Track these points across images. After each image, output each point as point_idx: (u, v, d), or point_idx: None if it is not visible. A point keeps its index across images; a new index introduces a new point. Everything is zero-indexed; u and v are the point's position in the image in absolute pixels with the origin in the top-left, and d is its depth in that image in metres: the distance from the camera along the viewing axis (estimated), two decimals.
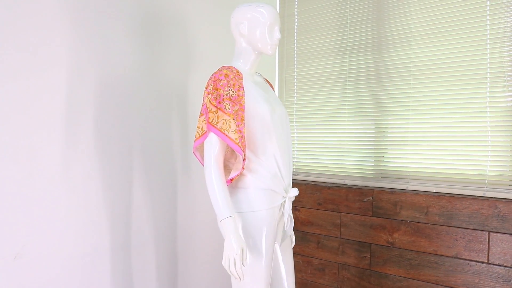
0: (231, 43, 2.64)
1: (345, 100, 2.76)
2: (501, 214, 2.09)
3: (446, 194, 2.29)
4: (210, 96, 1.54)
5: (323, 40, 2.88)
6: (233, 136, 1.50)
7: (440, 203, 2.28)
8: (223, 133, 1.50)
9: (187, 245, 2.39)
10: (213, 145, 1.53)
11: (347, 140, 2.75)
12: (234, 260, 1.44)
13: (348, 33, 2.75)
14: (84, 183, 1.89)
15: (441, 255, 2.27)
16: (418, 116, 2.44)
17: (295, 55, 3.03)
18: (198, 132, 1.60)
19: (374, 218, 2.52)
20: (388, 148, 2.56)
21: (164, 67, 2.25)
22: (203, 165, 1.58)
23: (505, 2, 2.16)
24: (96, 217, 1.93)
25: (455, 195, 2.26)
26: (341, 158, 2.78)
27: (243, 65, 1.70)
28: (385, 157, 2.57)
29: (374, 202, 2.52)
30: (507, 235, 2.07)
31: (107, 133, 1.97)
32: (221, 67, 1.61)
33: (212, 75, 1.58)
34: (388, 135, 2.56)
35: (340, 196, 2.68)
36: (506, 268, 2.07)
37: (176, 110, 2.32)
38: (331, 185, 2.76)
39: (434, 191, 2.37)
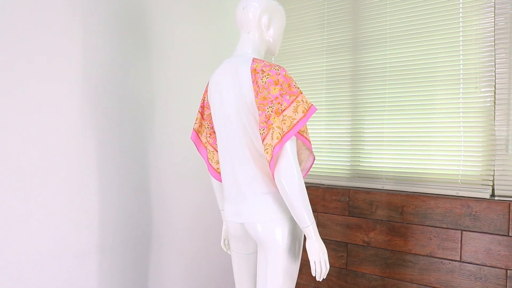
0: (204, 44, 2.63)
1: (322, 101, 2.77)
2: (473, 213, 2.13)
3: (421, 194, 2.32)
4: (293, 96, 1.40)
5: (301, 40, 2.89)
6: (309, 138, 1.45)
7: (414, 202, 2.31)
8: (302, 135, 1.43)
9: (161, 247, 2.37)
10: (295, 148, 1.42)
11: (324, 140, 2.77)
12: (325, 261, 1.42)
13: (325, 34, 2.76)
14: (59, 185, 1.85)
15: (416, 254, 2.30)
16: (394, 116, 2.47)
17: (273, 56, 3.03)
18: (279, 133, 1.36)
19: (351, 218, 2.54)
20: (364, 148, 2.58)
21: (139, 68, 2.23)
22: (271, 166, 1.40)
23: (476, 5, 2.21)
24: (69, 219, 1.90)
25: (429, 195, 2.29)
26: (318, 158, 2.79)
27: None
28: (361, 157, 2.60)
29: (350, 202, 2.54)
30: (479, 234, 2.11)
31: (82, 134, 1.94)
32: (265, 61, 1.47)
33: (278, 69, 1.42)
34: (365, 135, 2.58)
35: (317, 196, 2.69)
36: (477, 266, 2.11)
37: (151, 112, 2.30)
38: (308, 185, 2.77)
39: (409, 190, 2.40)
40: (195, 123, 1.79)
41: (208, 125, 1.75)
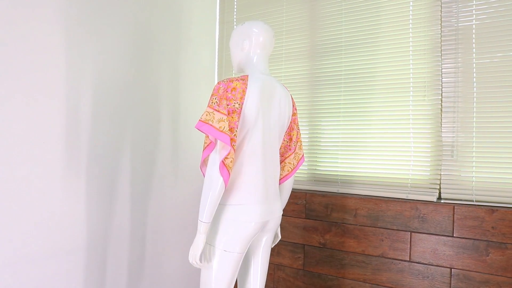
0: (208, 47, 2.65)
1: None
2: (421, 215, 2.24)
3: (373, 197, 2.42)
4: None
5: None
6: None
7: (367, 205, 2.40)
8: None
9: (156, 246, 2.37)
10: None
11: None
12: None
13: (283, 41, 2.83)
14: (56, 184, 1.83)
15: (368, 255, 2.40)
16: (348, 122, 2.56)
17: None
18: (301, 141, 1.99)
19: (307, 220, 2.61)
20: (321, 153, 2.66)
21: (153, 74, 2.23)
22: (296, 169, 1.93)
23: (424, 17, 2.32)
24: (67, 218, 1.88)
25: (381, 198, 2.39)
26: None
27: None
28: (318, 161, 2.67)
29: (307, 205, 2.61)
30: (426, 235, 2.22)
31: (75, 135, 1.93)
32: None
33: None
34: (321, 140, 2.66)
35: None
36: (425, 266, 2.22)
37: (156, 117, 2.30)
38: None
39: (362, 194, 2.49)
40: (224, 127, 1.52)
41: (235, 131, 1.57)
